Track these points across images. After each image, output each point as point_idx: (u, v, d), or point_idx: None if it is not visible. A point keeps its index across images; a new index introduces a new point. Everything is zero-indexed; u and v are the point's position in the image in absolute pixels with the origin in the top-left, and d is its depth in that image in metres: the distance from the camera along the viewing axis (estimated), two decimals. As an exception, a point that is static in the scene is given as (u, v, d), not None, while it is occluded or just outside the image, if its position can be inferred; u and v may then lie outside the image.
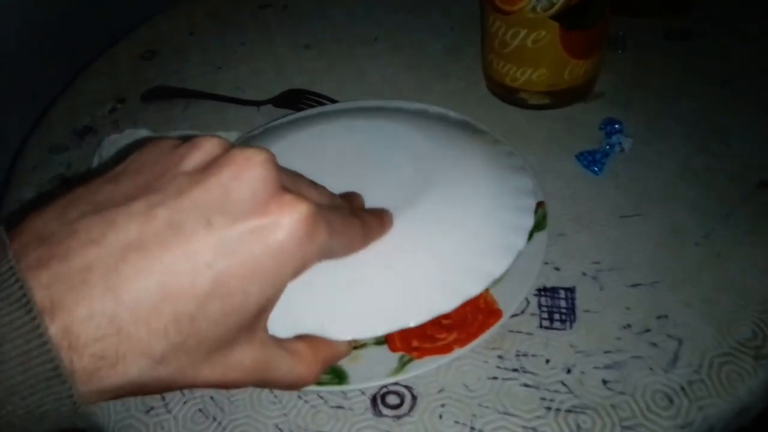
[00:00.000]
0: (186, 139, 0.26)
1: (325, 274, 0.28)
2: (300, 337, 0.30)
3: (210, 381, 0.25)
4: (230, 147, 0.25)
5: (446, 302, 0.33)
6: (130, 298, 0.21)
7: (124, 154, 0.26)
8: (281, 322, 0.28)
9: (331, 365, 0.31)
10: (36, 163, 0.57)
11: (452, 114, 0.49)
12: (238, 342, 0.25)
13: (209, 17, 0.72)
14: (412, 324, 0.33)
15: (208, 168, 0.24)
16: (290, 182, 0.27)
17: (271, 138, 0.45)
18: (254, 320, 0.25)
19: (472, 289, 0.34)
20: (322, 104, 0.56)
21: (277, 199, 0.24)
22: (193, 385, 0.24)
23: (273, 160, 0.25)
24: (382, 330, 0.33)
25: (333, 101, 0.56)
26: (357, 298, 0.33)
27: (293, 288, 0.26)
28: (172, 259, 0.22)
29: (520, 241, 0.36)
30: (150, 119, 0.59)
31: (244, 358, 0.26)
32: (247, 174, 0.24)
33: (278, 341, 0.28)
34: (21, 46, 0.66)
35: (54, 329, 0.20)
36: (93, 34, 0.72)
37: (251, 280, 0.23)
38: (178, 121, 0.58)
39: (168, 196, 0.23)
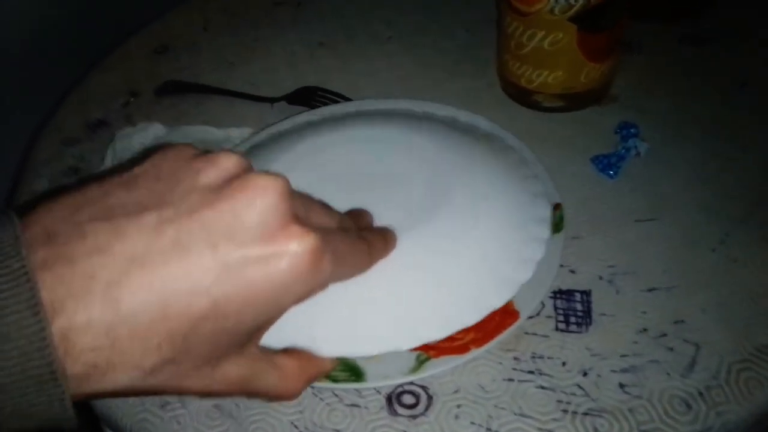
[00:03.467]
0: (206, 151, 0.26)
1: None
2: (288, 351, 0.30)
3: (193, 390, 0.25)
4: (248, 168, 0.25)
5: (436, 330, 0.35)
6: (128, 313, 0.21)
7: (141, 155, 0.26)
8: (272, 330, 0.28)
9: (314, 382, 0.32)
10: (48, 155, 0.57)
11: (482, 124, 0.49)
12: (227, 357, 0.25)
13: (222, 13, 0.72)
14: (402, 348, 0.34)
15: (222, 188, 0.24)
16: (302, 209, 0.26)
17: (285, 144, 0.45)
18: (247, 339, 0.25)
19: (467, 319, 0.35)
20: (336, 102, 0.56)
21: (285, 229, 0.24)
22: (176, 393, 0.25)
23: (288, 189, 0.24)
24: (370, 350, 0.33)
25: (346, 99, 0.56)
26: (348, 315, 0.34)
27: None
28: (173, 279, 0.22)
29: (524, 275, 0.37)
30: (163, 114, 0.59)
31: (230, 372, 0.26)
32: (260, 202, 0.23)
33: (267, 355, 0.28)
34: (36, 39, 0.66)
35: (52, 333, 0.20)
36: (107, 28, 0.72)
37: (247, 306, 0.24)
38: (192, 117, 0.58)
39: (179, 213, 0.23)
